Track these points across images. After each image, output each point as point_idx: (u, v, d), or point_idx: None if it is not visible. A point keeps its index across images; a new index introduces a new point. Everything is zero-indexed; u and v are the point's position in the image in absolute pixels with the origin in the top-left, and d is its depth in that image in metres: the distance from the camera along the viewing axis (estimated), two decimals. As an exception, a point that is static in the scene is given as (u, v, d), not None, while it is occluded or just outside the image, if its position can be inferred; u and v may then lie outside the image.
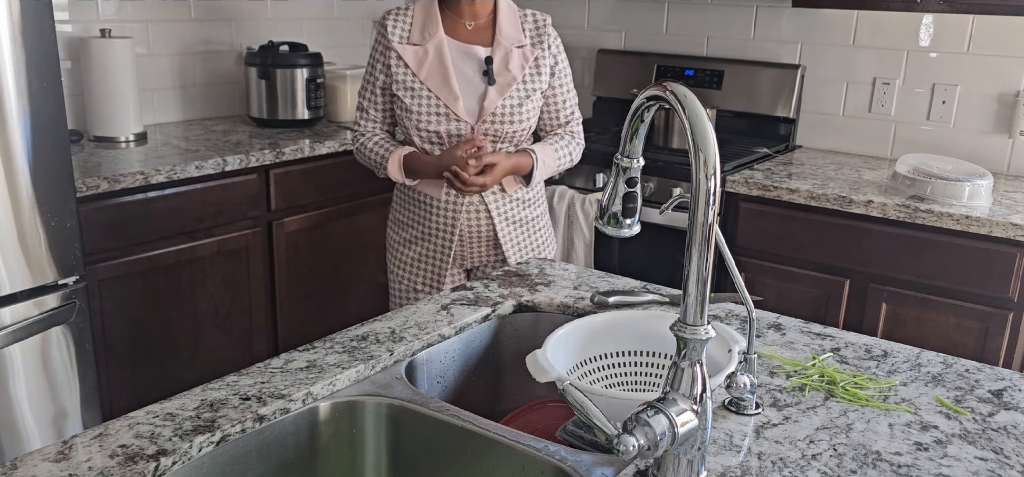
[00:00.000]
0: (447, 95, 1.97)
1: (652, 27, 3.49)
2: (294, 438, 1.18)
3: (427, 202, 2.08)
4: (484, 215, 2.07)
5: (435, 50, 2.00)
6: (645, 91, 0.98)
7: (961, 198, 2.41)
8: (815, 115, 3.18)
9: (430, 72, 1.98)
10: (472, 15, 2.05)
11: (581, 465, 1.06)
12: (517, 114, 2.02)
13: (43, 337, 2.12)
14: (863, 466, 1.07)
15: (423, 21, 2.02)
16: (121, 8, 2.97)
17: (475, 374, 1.51)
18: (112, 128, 2.77)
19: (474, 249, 2.12)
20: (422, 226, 2.11)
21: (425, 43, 2.01)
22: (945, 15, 2.85)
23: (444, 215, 2.07)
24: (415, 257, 2.15)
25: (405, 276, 2.18)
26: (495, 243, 2.11)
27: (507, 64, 2.03)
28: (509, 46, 2.04)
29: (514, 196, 2.10)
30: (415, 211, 2.11)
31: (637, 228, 1.12)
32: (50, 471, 0.98)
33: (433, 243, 2.11)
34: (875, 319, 2.50)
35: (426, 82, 1.98)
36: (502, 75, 2.02)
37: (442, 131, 1.99)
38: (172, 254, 2.55)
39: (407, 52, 2.00)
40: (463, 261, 2.14)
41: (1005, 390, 1.30)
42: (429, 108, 1.98)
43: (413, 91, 1.99)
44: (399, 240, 2.18)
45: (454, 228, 2.07)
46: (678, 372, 0.95)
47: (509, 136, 2.04)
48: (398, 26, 2.02)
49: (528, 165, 2.05)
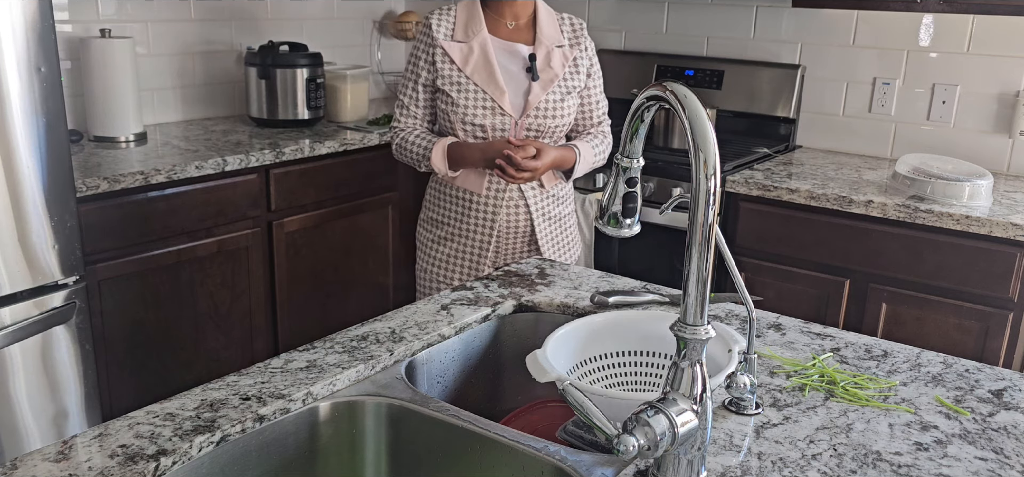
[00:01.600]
0: (493, 89, 2.02)
1: (652, 27, 3.49)
2: (294, 438, 1.18)
3: (466, 198, 2.10)
4: (523, 210, 2.11)
5: (480, 47, 2.04)
6: (645, 91, 0.98)
7: (961, 198, 2.41)
8: (815, 115, 3.18)
9: (476, 67, 2.03)
10: (513, 15, 2.10)
11: (581, 465, 1.06)
12: (559, 109, 2.08)
13: (43, 337, 2.12)
14: (863, 466, 1.07)
15: (466, 20, 2.07)
16: (121, 8, 2.97)
17: (475, 374, 1.51)
18: (112, 128, 2.77)
19: (511, 245, 2.14)
20: (459, 223, 2.13)
21: (470, 40, 2.05)
22: (945, 15, 2.85)
23: (483, 210, 2.09)
24: (450, 254, 2.16)
25: (439, 273, 2.18)
26: (530, 239, 2.15)
27: (549, 62, 2.08)
28: (550, 45, 2.10)
29: (551, 192, 2.14)
30: (452, 208, 2.13)
31: (637, 228, 1.12)
32: (50, 471, 0.98)
33: (471, 240, 2.13)
34: (875, 319, 2.50)
35: (472, 77, 2.02)
36: (545, 72, 2.07)
37: (487, 124, 2.02)
38: (172, 254, 2.55)
39: (453, 49, 2.04)
40: (498, 258, 2.16)
41: (1005, 390, 1.30)
42: (475, 101, 2.02)
43: (459, 85, 2.03)
44: (433, 238, 2.19)
45: (493, 223, 2.09)
46: (678, 372, 0.95)
47: (550, 131, 2.09)
48: (442, 24, 2.06)
49: (572, 159, 2.09)
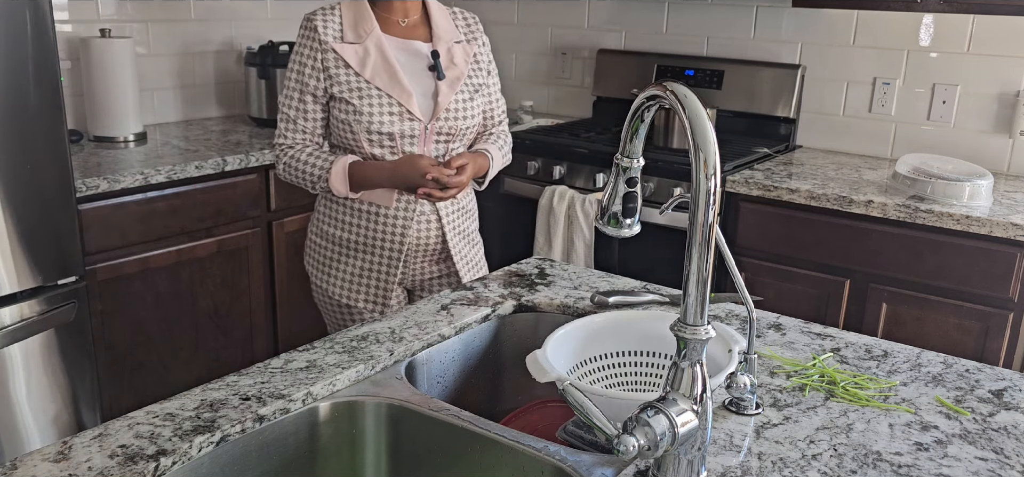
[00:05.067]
0: (399, 92, 1.83)
1: (652, 27, 3.49)
2: (294, 438, 1.18)
3: (372, 212, 1.90)
4: (435, 225, 1.93)
5: (376, 47, 1.84)
6: (645, 91, 0.98)
7: (961, 198, 2.41)
8: (815, 115, 3.18)
9: (375, 70, 1.83)
10: (404, 12, 1.91)
11: (581, 465, 1.06)
12: (469, 109, 1.92)
13: (43, 337, 2.12)
14: (863, 466, 1.07)
15: (354, 19, 1.86)
16: (121, 8, 2.98)
17: (475, 374, 1.51)
18: (112, 128, 2.78)
19: (420, 264, 1.97)
20: (364, 238, 1.92)
21: (363, 41, 1.84)
22: (945, 15, 2.85)
23: (392, 226, 1.90)
24: (354, 272, 1.95)
25: (342, 293, 1.97)
26: (441, 257, 1.98)
27: (452, 59, 1.92)
28: (449, 41, 1.93)
29: (461, 205, 1.98)
30: (355, 221, 1.92)
31: (637, 228, 1.12)
32: (50, 471, 0.98)
33: (378, 256, 1.93)
34: (875, 319, 2.50)
35: (372, 81, 1.82)
36: (450, 69, 1.90)
37: (396, 131, 1.83)
38: (172, 254, 2.55)
39: (346, 51, 1.83)
40: (406, 277, 1.98)
41: (1005, 390, 1.30)
42: (381, 108, 1.82)
43: (360, 91, 1.82)
44: (332, 256, 1.97)
45: (403, 240, 1.91)
46: (678, 372, 0.95)
47: (461, 133, 1.92)
48: (329, 26, 1.85)
49: (486, 165, 1.95)
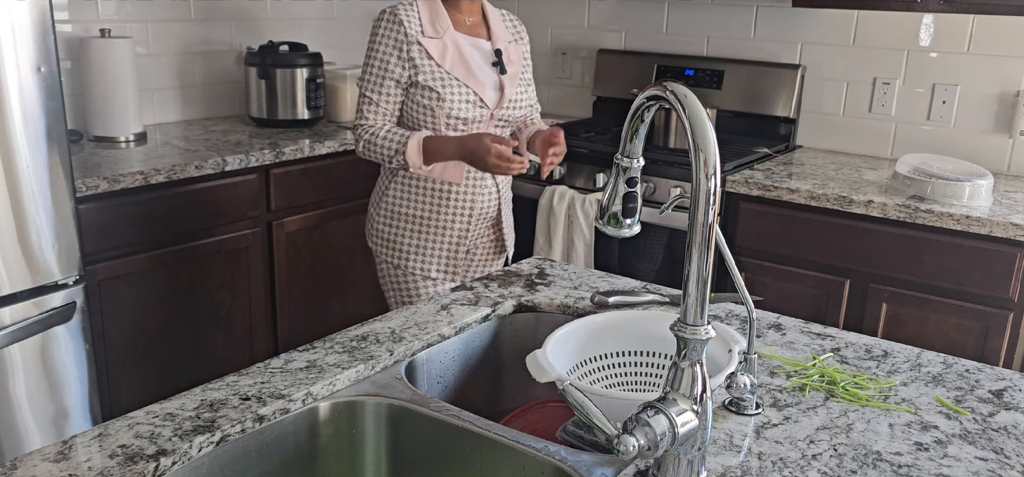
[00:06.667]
0: (475, 83, 2.08)
1: (652, 27, 3.49)
2: (294, 438, 1.18)
3: (444, 190, 2.13)
4: (494, 195, 2.21)
5: (452, 43, 2.08)
6: (645, 91, 0.98)
7: (961, 198, 2.41)
8: (815, 115, 3.18)
9: (454, 63, 2.07)
10: (471, 12, 2.15)
11: (581, 465, 1.06)
12: (523, 100, 2.20)
13: (43, 337, 2.12)
14: (863, 466, 1.07)
15: (431, 16, 2.09)
16: (121, 8, 2.97)
17: (475, 374, 1.51)
18: (112, 128, 2.77)
19: (481, 228, 2.22)
20: (436, 215, 2.15)
21: (441, 36, 2.07)
22: (945, 15, 2.85)
23: (461, 200, 2.15)
24: (422, 245, 2.18)
25: (417, 264, 2.18)
26: (494, 223, 2.26)
27: (509, 56, 2.17)
28: (505, 41, 2.18)
29: (507, 177, 2.27)
30: (426, 200, 2.15)
31: (637, 228, 1.12)
32: (50, 471, 0.98)
33: (448, 230, 2.17)
34: (875, 319, 2.50)
35: (452, 72, 2.06)
36: (510, 66, 2.16)
37: (470, 117, 2.08)
38: (172, 254, 2.55)
39: (430, 45, 2.06)
40: (469, 243, 2.22)
41: (1005, 390, 1.30)
42: (460, 96, 2.06)
43: (443, 81, 2.05)
44: (401, 232, 2.18)
45: (471, 212, 2.16)
46: (678, 372, 0.95)
47: (514, 121, 2.21)
48: (412, 20, 2.06)
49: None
